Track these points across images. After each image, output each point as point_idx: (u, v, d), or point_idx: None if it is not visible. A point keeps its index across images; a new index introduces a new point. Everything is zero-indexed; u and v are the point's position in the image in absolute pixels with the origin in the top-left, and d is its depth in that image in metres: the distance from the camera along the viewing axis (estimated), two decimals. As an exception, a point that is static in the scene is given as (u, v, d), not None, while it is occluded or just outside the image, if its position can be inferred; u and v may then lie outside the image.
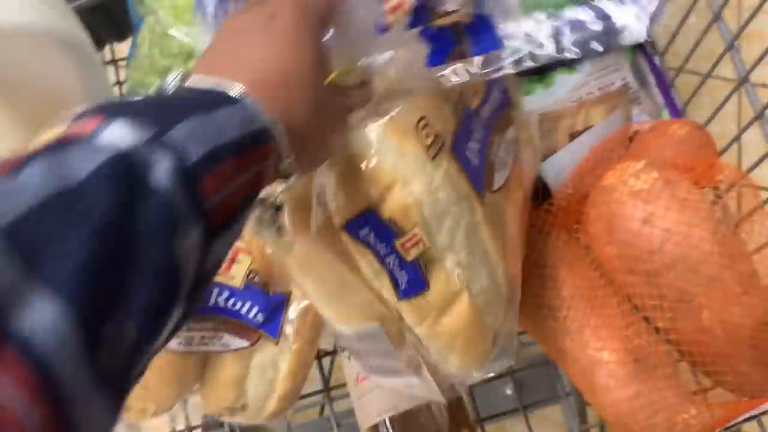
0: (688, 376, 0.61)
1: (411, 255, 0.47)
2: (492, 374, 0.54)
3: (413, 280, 0.47)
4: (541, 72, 0.72)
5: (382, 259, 0.47)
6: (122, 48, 0.81)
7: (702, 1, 0.69)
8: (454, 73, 0.49)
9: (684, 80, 0.75)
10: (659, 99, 0.73)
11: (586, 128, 0.68)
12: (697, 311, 0.55)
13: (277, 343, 0.56)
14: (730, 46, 0.65)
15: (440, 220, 0.48)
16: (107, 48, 0.82)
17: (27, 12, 0.50)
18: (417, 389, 0.54)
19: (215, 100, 0.33)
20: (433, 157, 0.46)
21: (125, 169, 0.27)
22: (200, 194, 0.29)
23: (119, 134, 0.27)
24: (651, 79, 0.74)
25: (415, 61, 0.47)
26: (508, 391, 0.78)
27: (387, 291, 0.47)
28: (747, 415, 0.58)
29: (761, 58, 0.61)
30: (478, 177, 0.50)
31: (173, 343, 0.51)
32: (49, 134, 0.28)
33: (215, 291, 0.51)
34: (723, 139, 1.26)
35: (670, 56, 0.76)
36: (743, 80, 0.64)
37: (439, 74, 0.49)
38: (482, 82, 0.50)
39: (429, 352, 0.50)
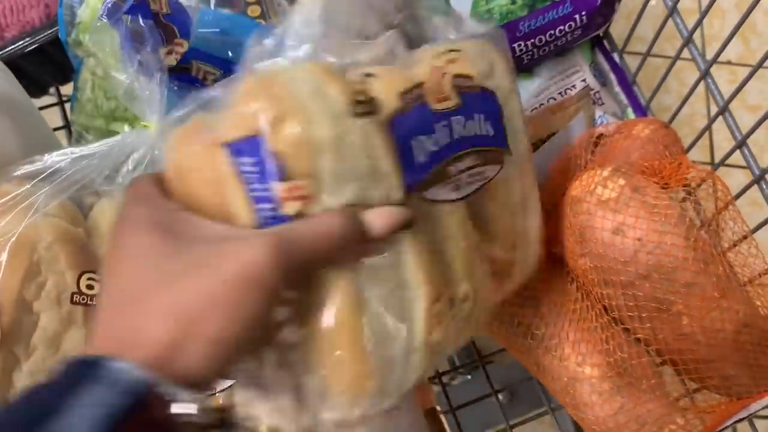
0: (674, 380, 0.59)
1: (288, 208, 0.37)
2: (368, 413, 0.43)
3: None
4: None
5: (252, 202, 0.38)
6: (69, 88, 0.78)
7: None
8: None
9: (647, 62, 0.74)
10: (622, 98, 0.72)
11: (550, 135, 0.66)
12: (676, 319, 0.54)
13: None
14: (687, 42, 0.63)
15: (340, 184, 0.38)
16: (53, 89, 0.79)
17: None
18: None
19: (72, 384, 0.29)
20: (357, 114, 0.38)
21: None
22: None
23: None
24: (612, 77, 0.72)
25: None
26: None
27: None
28: (737, 417, 0.56)
29: (723, 48, 0.59)
30: (413, 171, 0.41)
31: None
32: None
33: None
34: (695, 120, 1.25)
35: (633, 41, 0.74)
36: (705, 73, 0.63)
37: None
38: (451, 89, 0.44)
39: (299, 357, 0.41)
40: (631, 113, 0.71)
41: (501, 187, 0.48)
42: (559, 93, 0.68)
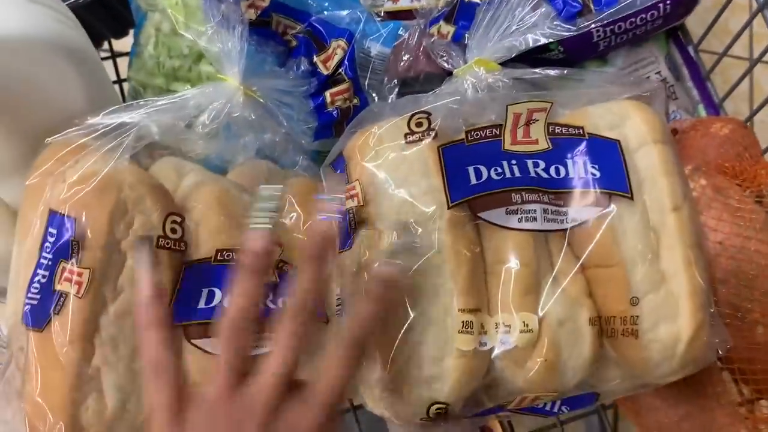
0: (729, 387, 0.58)
1: (347, 204, 0.47)
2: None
3: (343, 230, 0.47)
4: (571, 65, 0.67)
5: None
6: (120, 42, 0.76)
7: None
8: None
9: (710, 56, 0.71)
10: (694, 93, 0.69)
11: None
12: (750, 327, 0.52)
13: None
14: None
15: (393, 190, 0.46)
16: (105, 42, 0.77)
17: (24, 20, 0.45)
18: None
19: None
20: (413, 141, 0.47)
21: None
22: None
23: None
24: (685, 71, 0.70)
25: None
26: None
27: None
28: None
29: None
30: (464, 189, 0.46)
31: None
32: None
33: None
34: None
35: (709, 39, 0.72)
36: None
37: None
38: (541, 134, 0.50)
39: None
40: (702, 110, 0.69)
41: (607, 233, 0.48)
42: (633, 84, 0.66)
